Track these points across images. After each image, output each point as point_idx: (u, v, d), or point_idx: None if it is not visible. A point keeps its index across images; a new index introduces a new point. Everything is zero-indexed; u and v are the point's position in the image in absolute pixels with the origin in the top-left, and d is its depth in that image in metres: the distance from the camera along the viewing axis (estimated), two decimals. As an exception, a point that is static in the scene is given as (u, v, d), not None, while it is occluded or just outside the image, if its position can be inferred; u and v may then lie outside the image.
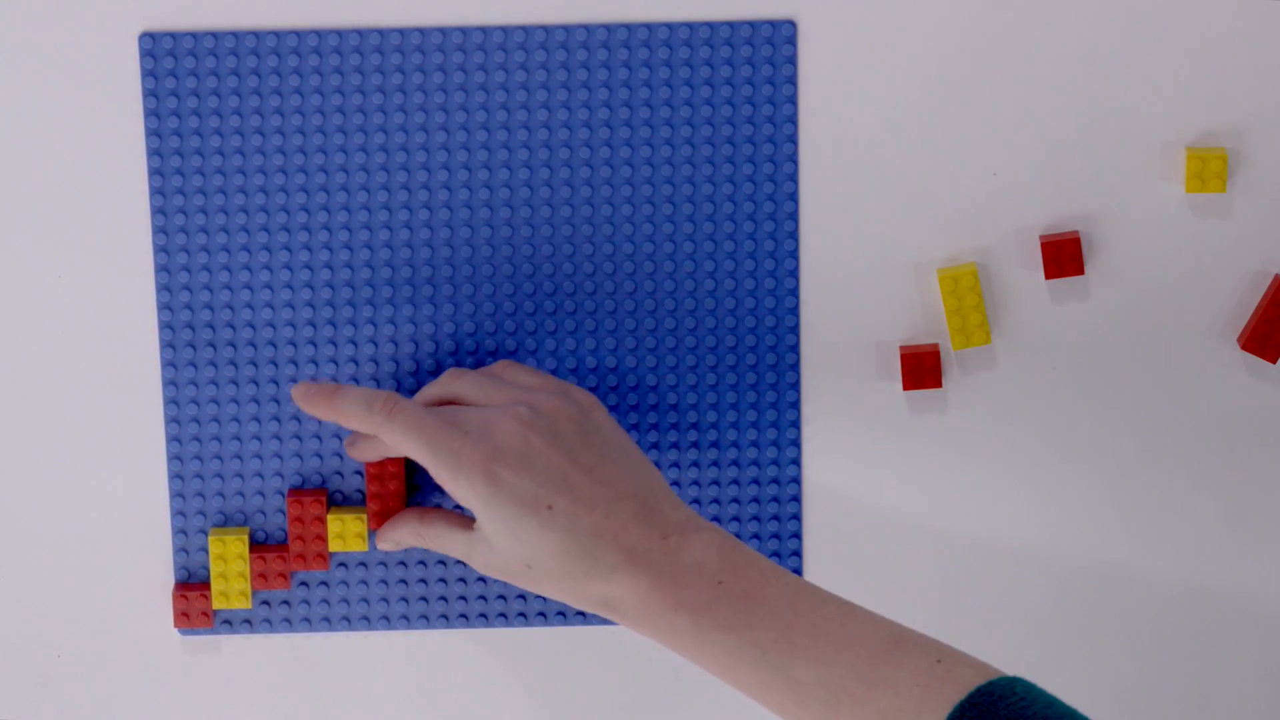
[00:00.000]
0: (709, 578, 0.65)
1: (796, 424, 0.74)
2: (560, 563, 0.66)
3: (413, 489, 0.74)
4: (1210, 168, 0.72)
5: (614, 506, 0.66)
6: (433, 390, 0.70)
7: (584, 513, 0.65)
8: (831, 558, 0.75)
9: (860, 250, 0.74)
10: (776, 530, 0.75)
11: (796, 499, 0.75)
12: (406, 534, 0.71)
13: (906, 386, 0.73)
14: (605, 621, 0.75)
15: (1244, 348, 0.74)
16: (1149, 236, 0.74)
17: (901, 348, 0.73)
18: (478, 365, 0.74)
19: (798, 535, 0.75)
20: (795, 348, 0.74)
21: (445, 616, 0.75)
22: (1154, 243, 0.74)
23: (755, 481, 0.75)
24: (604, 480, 0.66)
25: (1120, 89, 0.73)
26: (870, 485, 0.75)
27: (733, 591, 0.64)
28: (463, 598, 0.75)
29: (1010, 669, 0.76)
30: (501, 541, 0.66)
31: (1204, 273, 0.74)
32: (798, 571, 0.75)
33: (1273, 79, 0.73)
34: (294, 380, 0.73)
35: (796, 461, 0.75)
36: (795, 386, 0.74)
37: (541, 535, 0.65)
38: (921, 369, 0.73)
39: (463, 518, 0.70)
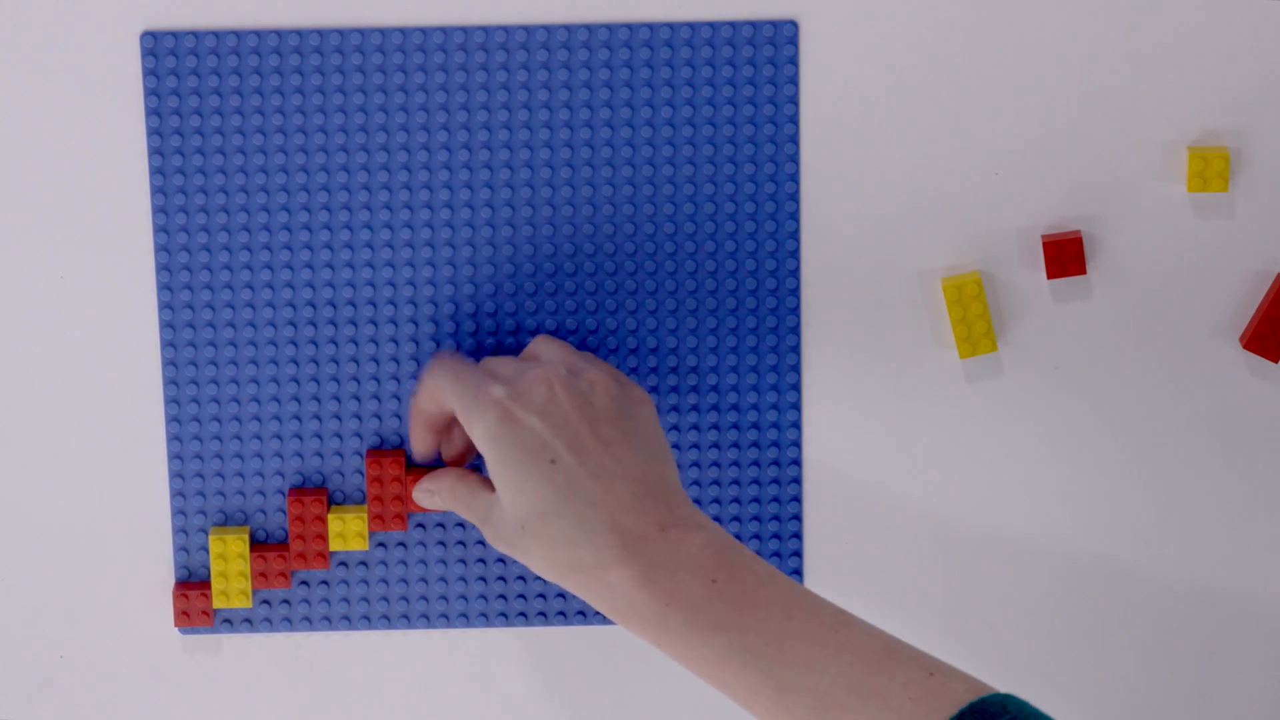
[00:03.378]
0: (703, 575, 0.64)
1: (798, 425, 0.74)
2: (551, 525, 0.64)
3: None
4: (1212, 167, 0.72)
5: (617, 483, 0.65)
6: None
7: (585, 478, 0.64)
8: (832, 556, 0.75)
9: (862, 250, 0.73)
10: (777, 530, 0.75)
11: (797, 498, 0.75)
12: (444, 488, 0.70)
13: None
14: (605, 621, 0.75)
15: (1246, 347, 0.74)
16: (1151, 236, 0.73)
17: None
18: (476, 361, 0.73)
19: (798, 535, 0.75)
20: (796, 348, 0.74)
21: (445, 616, 0.75)
22: (1156, 242, 0.74)
23: (755, 494, 0.75)
24: (617, 457, 0.65)
25: (1122, 88, 0.73)
26: (872, 485, 0.75)
27: (726, 591, 0.64)
28: (463, 597, 0.75)
29: (1010, 667, 0.76)
30: (503, 491, 0.65)
31: (1206, 272, 0.74)
32: (798, 570, 0.75)
33: (1275, 78, 0.73)
34: (295, 380, 0.73)
35: (798, 461, 0.74)
36: (796, 388, 0.74)
37: (537, 488, 0.64)
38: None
39: (491, 483, 0.69)
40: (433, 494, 0.71)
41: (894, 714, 0.61)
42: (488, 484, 0.69)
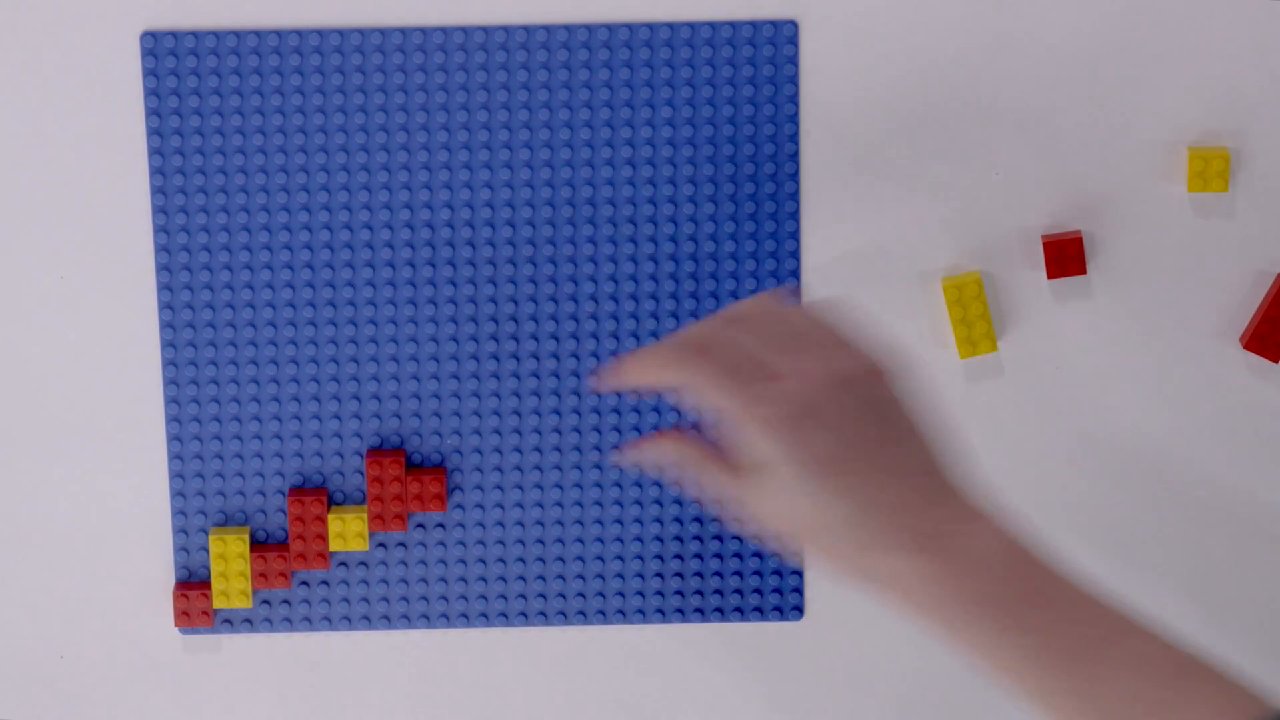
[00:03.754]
0: (996, 572, 0.62)
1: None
2: (842, 531, 0.62)
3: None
4: (1212, 167, 0.72)
5: (908, 481, 0.62)
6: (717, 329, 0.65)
7: (878, 484, 0.62)
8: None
9: (862, 250, 0.73)
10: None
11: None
12: (679, 458, 0.65)
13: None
14: (605, 622, 0.75)
15: (1246, 347, 0.74)
16: (1151, 236, 0.73)
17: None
18: (477, 362, 0.74)
19: (798, 572, 0.75)
20: None
21: (445, 616, 0.75)
22: (1156, 242, 0.74)
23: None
24: (905, 452, 0.63)
25: (1122, 88, 0.73)
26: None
27: (1021, 591, 0.61)
28: (463, 597, 0.75)
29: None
30: (786, 496, 0.63)
31: (1206, 272, 0.74)
32: (798, 571, 0.75)
33: (1275, 78, 0.73)
34: (295, 380, 0.73)
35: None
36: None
37: (831, 500, 0.62)
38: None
39: (741, 461, 0.65)
40: (661, 459, 0.66)
41: None
42: (733, 462, 0.64)
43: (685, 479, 0.68)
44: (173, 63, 0.72)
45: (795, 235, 0.73)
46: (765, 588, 0.75)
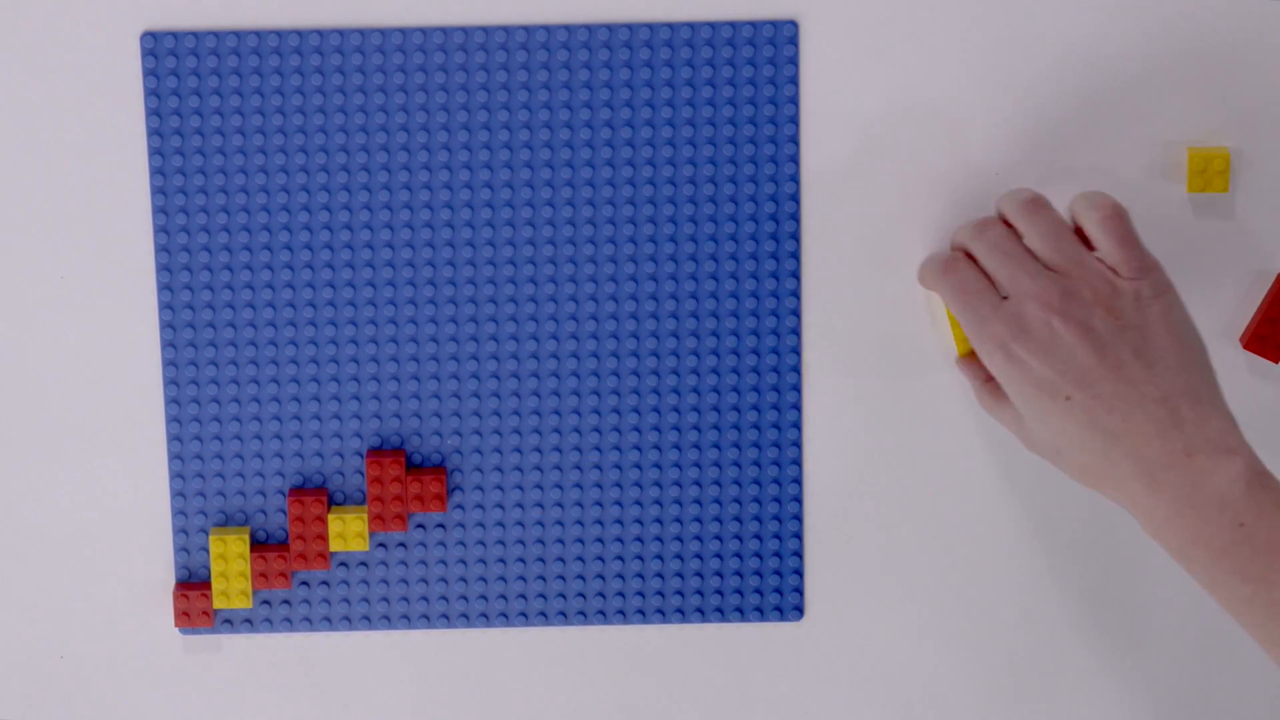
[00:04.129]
0: (1231, 516, 0.61)
1: (798, 425, 0.74)
2: (1080, 457, 0.63)
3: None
4: (1213, 167, 0.72)
5: (1135, 411, 0.62)
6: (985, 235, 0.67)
7: (1102, 412, 0.63)
8: (832, 556, 0.75)
9: (862, 250, 0.73)
10: (777, 531, 0.75)
11: (798, 498, 0.75)
12: (975, 389, 0.69)
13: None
14: (605, 622, 0.75)
15: (1246, 347, 0.73)
16: (1151, 236, 0.73)
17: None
18: (477, 362, 0.74)
19: (798, 535, 0.75)
20: (796, 349, 0.74)
21: (446, 616, 0.75)
22: (1156, 242, 0.73)
23: (755, 494, 0.75)
24: (1130, 380, 0.63)
25: (1122, 88, 0.73)
26: (872, 485, 0.75)
27: (1254, 538, 0.61)
28: (463, 598, 0.75)
29: (1011, 667, 0.76)
30: (1030, 420, 0.65)
31: (1206, 272, 0.73)
32: (798, 570, 0.75)
33: (1275, 78, 0.72)
34: (295, 380, 0.73)
35: (798, 461, 0.74)
36: (796, 388, 0.74)
37: (1060, 424, 0.63)
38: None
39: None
40: (981, 384, 0.69)
41: None
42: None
43: (982, 404, 0.69)
44: (173, 63, 0.72)
45: (795, 235, 0.73)
46: (765, 588, 0.75)
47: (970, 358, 0.71)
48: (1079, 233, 0.67)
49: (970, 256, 0.68)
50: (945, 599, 0.75)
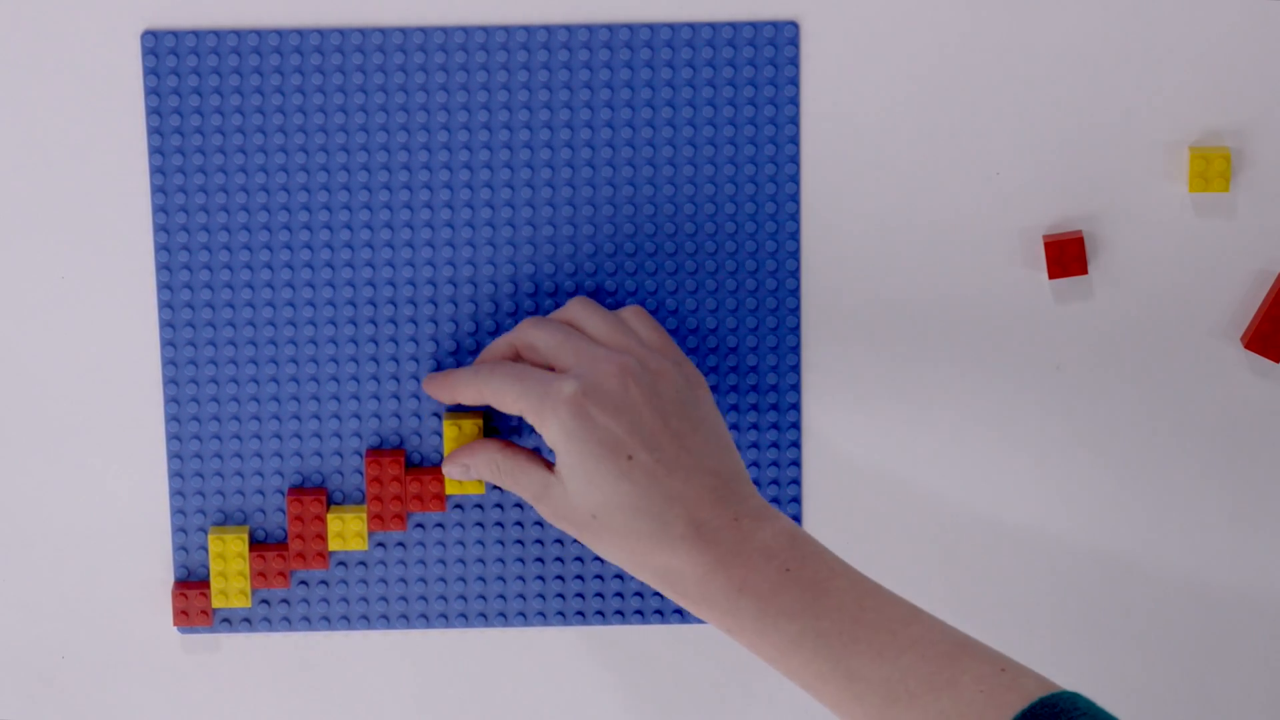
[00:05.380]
0: (776, 563, 0.64)
1: (797, 425, 0.74)
2: (627, 519, 0.65)
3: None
4: (1214, 167, 0.72)
5: (693, 477, 0.65)
6: (523, 335, 0.69)
7: (663, 474, 0.65)
8: (832, 547, 0.75)
9: (862, 251, 0.73)
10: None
11: (797, 499, 0.75)
12: (482, 462, 0.70)
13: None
14: (605, 622, 0.75)
15: (1247, 347, 0.73)
16: (1152, 236, 0.73)
17: None
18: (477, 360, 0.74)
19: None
20: (796, 349, 0.74)
21: (445, 616, 0.75)
22: (1157, 242, 0.73)
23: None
24: (690, 450, 0.66)
25: (1123, 88, 0.73)
26: (873, 484, 0.75)
27: (799, 579, 0.64)
28: (462, 597, 0.75)
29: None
30: (575, 484, 0.66)
31: (1207, 272, 0.73)
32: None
33: (1276, 78, 0.72)
34: (294, 380, 0.73)
35: (797, 462, 0.74)
36: (796, 389, 0.74)
37: (615, 485, 0.65)
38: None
39: (542, 459, 0.69)
40: (468, 468, 0.71)
41: (964, 706, 0.61)
42: (537, 458, 0.69)
43: (499, 482, 0.70)
44: (173, 62, 0.71)
45: (795, 235, 0.73)
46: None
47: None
48: None
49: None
50: (945, 598, 0.75)
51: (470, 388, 0.69)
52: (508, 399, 0.67)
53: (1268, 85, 0.72)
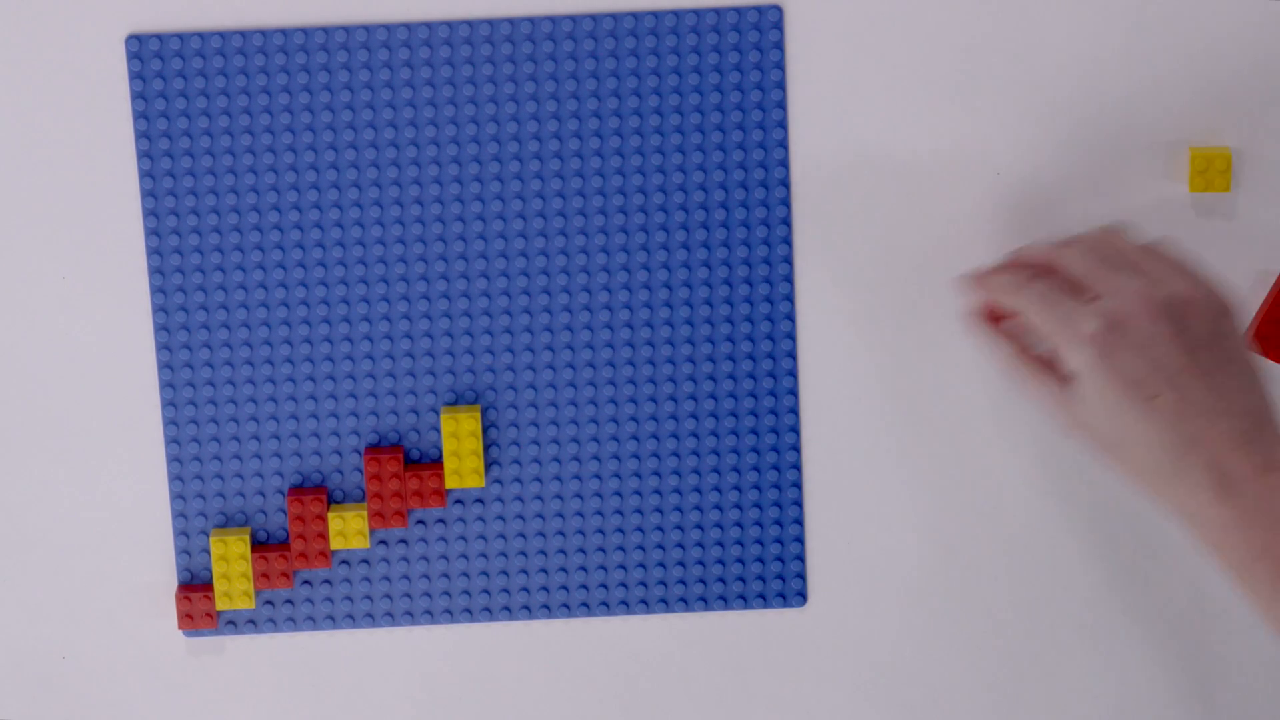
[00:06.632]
0: None
1: (796, 430, 0.73)
2: (1148, 456, 0.63)
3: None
4: (1214, 167, 0.71)
5: (1219, 420, 0.62)
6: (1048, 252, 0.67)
7: (1189, 415, 0.62)
8: (832, 556, 0.75)
9: (855, 237, 0.72)
10: (779, 536, 0.74)
11: (798, 502, 0.74)
12: (1005, 358, 0.68)
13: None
14: (609, 613, 0.75)
15: (1249, 346, 0.71)
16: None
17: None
18: (472, 356, 0.73)
19: (800, 540, 0.74)
20: (792, 353, 0.73)
21: (449, 612, 0.75)
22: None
23: (756, 500, 0.74)
24: (1218, 388, 0.63)
25: (1124, 87, 0.71)
26: (872, 485, 0.74)
27: None
28: (465, 592, 0.75)
29: (1012, 668, 0.75)
30: (1097, 411, 0.64)
31: (1208, 272, 0.71)
32: (800, 574, 0.74)
33: (1276, 78, 0.71)
34: (291, 380, 0.73)
35: (797, 466, 0.74)
36: (793, 374, 0.73)
37: (1137, 423, 0.63)
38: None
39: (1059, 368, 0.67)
40: (1003, 353, 0.68)
41: None
42: (1058, 367, 0.66)
43: (1013, 377, 0.68)
44: (159, 65, 0.71)
45: (787, 220, 0.72)
46: (768, 575, 0.74)
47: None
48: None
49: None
50: (947, 584, 0.74)
51: (1003, 293, 0.67)
52: (1034, 318, 0.65)
53: (1268, 85, 0.71)
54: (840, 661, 0.75)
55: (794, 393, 0.73)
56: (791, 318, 0.73)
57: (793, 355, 0.73)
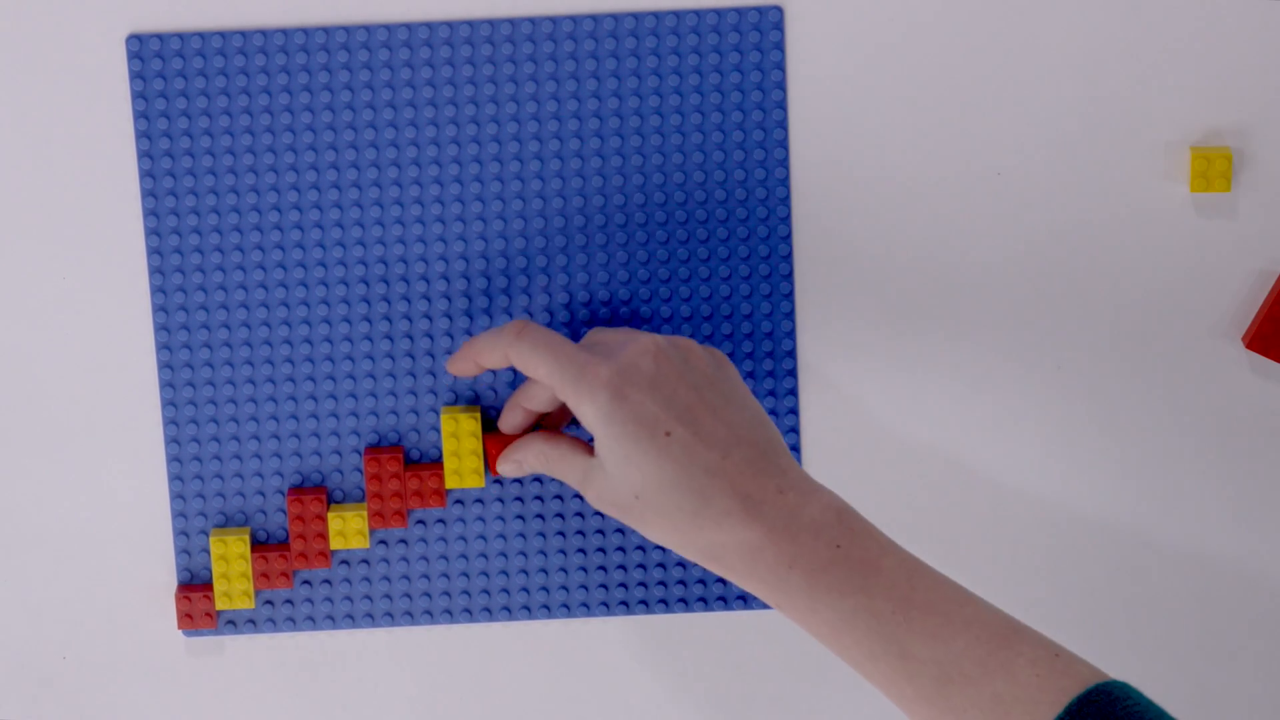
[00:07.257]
0: (826, 539, 0.64)
1: (796, 430, 0.73)
2: (670, 496, 0.64)
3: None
4: (1215, 167, 0.71)
5: (733, 450, 0.64)
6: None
7: (702, 448, 0.64)
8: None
9: (854, 237, 0.72)
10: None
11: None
12: (531, 455, 0.70)
13: None
14: (608, 613, 0.75)
15: (1249, 347, 0.73)
16: (1153, 236, 0.72)
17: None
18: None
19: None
20: (792, 352, 0.73)
21: (449, 612, 0.75)
22: (1158, 242, 0.73)
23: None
24: (727, 422, 0.65)
25: (1124, 88, 0.71)
26: (871, 485, 0.74)
27: (850, 557, 0.63)
28: (465, 592, 0.75)
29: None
30: (615, 465, 0.65)
31: (1208, 272, 0.73)
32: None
33: (1277, 78, 0.71)
34: (290, 380, 0.73)
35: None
36: (794, 392, 0.73)
37: (655, 462, 0.64)
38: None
39: (586, 445, 0.69)
40: (520, 463, 0.71)
41: (1019, 688, 0.61)
42: (579, 445, 0.69)
43: (550, 472, 0.70)
44: (160, 65, 0.71)
45: (786, 219, 0.72)
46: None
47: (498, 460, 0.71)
48: None
49: None
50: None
51: (496, 351, 0.68)
52: (542, 373, 0.67)
53: (1269, 85, 0.71)
54: (834, 661, 0.75)
55: (794, 393, 0.73)
56: (791, 317, 0.73)
57: (793, 355, 0.73)
